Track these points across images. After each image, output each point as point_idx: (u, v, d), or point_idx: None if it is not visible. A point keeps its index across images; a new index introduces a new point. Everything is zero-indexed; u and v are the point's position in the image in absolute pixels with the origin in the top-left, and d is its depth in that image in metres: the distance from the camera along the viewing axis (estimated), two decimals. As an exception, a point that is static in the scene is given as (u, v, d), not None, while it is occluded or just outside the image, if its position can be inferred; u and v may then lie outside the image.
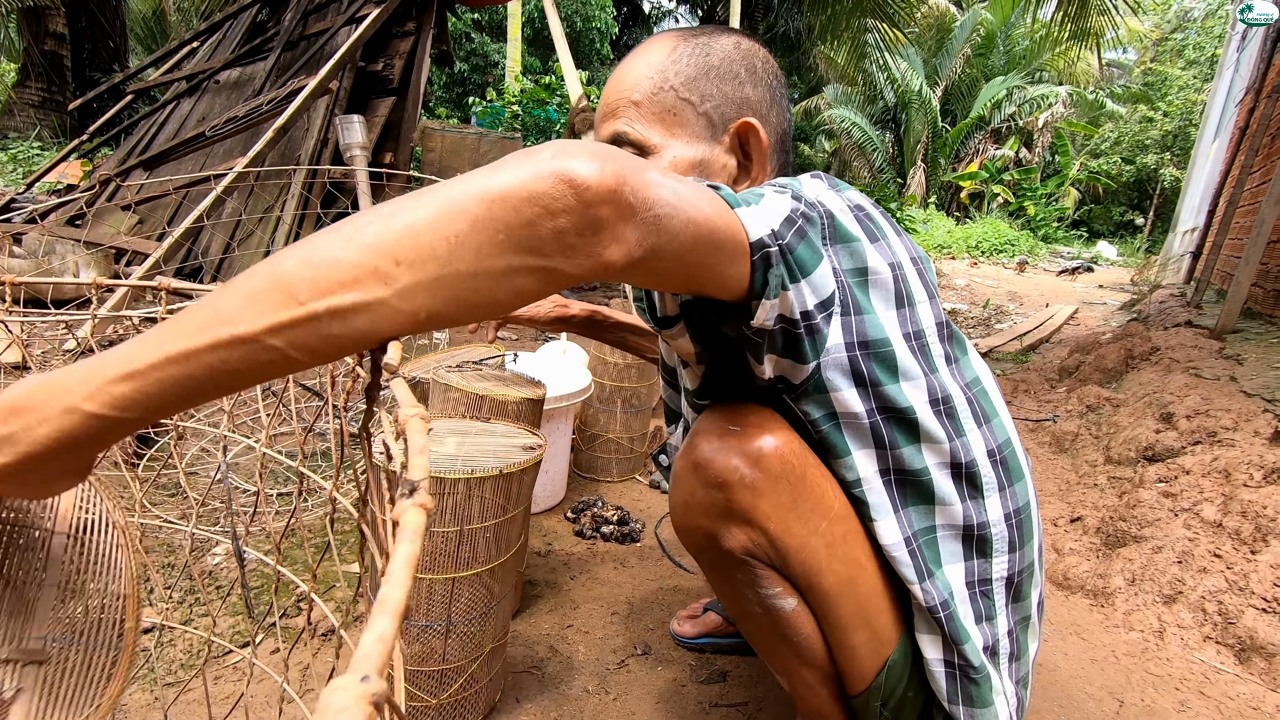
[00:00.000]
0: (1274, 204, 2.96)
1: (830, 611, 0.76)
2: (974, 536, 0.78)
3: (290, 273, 0.37)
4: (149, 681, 1.09)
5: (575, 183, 0.41)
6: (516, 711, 1.11)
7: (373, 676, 0.15)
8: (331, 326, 0.37)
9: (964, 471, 0.76)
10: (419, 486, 0.23)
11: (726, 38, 0.80)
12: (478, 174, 0.41)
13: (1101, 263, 12.93)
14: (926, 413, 0.73)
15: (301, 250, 0.38)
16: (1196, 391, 2.23)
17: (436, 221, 0.39)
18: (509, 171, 0.41)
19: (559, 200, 0.41)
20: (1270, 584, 1.41)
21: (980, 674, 0.77)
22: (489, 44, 12.99)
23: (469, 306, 0.42)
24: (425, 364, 1.38)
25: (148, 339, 0.37)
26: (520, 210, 0.40)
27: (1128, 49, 18.49)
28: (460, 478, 0.92)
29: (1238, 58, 7.14)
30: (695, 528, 0.76)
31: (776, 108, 0.81)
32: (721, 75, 0.78)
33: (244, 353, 0.37)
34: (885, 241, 0.74)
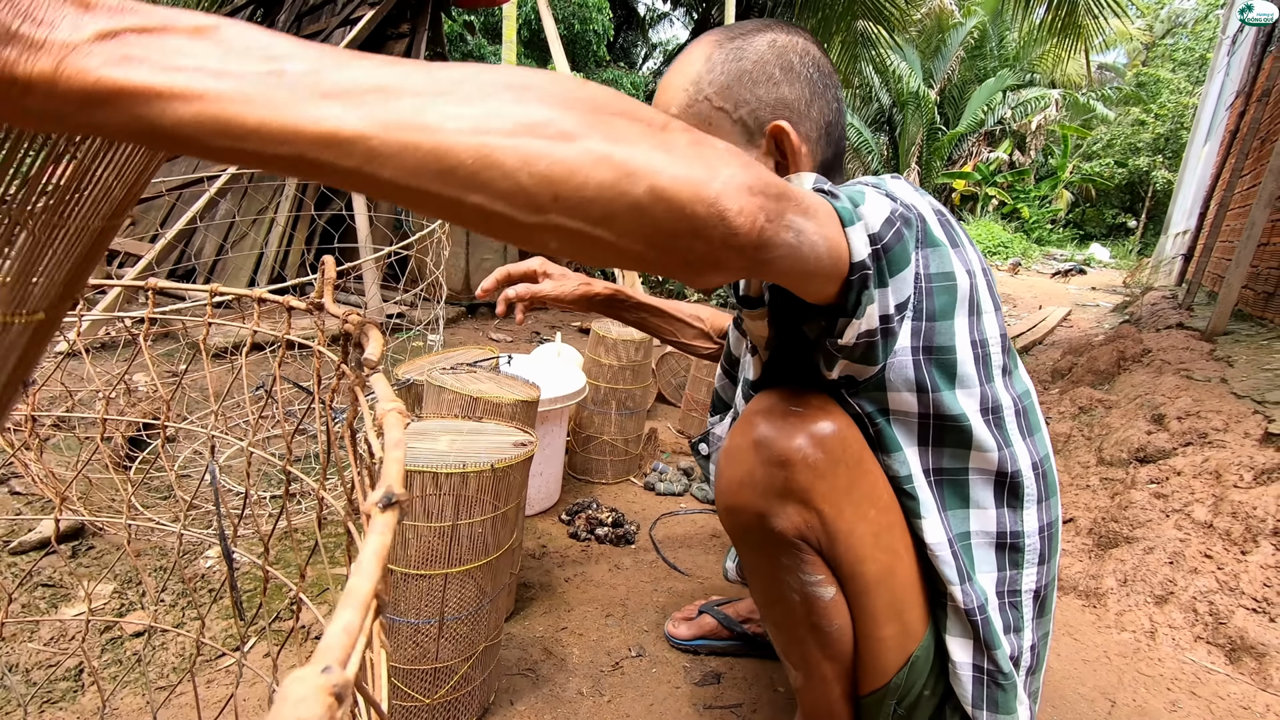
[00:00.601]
0: (1264, 207, 2.98)
1: (867, 601, 0.76)
2: (1007, 546, 0.79)
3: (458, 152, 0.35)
4: (140, 685, 1.08)
5: (727, 224, 0.42)
6: (510, 713, 1.11)
7: (335, 667, 0.15)
8: (461, 214, 0.37)
9: (1008, 481, 0.78)
10: (392, 480, 0.23)
11: (763, 37, 0.79)
12: (659, 147, 0.40)
13: (1094, 265, 13.00)
14: (978, 421, 0.75)
15: (473, 135, 0.35)
16: (1188, 393, 2.24)
17: (607, 188, 0.38)
18: (684, 170, 0.40)
19: (707, 229, 0.42)
20: (1260, 584, 1.41)
21: (1009, 681, 0.78)
22: (485, 46, 13.00)
23: (582, 256, 0.42)
24: (419, 366, 1.37)
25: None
26: (674, 220, 0.41)
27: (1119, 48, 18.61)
28: (451, 473, 0.92)
29: (1228, 62, 7.20)
30: (747, 507, 0.73)
31: (819, 100, 0.80)
32: (755, 79, 0.78)
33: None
34: (963, 249, 0.75)
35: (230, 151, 0.32)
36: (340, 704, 0.15)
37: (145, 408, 1.99)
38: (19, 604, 1.25)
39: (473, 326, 4.04)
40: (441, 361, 1.40)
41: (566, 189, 0.37)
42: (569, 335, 3.92)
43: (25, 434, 0.88)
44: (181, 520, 0.83)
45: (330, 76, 0.33)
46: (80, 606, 1.25)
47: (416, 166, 0.34)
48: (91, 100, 0.29)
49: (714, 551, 1.71)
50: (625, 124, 0.40)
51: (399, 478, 0.24)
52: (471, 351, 1.52)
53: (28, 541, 1.40)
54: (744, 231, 0.43)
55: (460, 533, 0.96)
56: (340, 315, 0.58)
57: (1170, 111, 15.50)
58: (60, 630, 1.20)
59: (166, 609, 1.29)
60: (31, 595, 1.29)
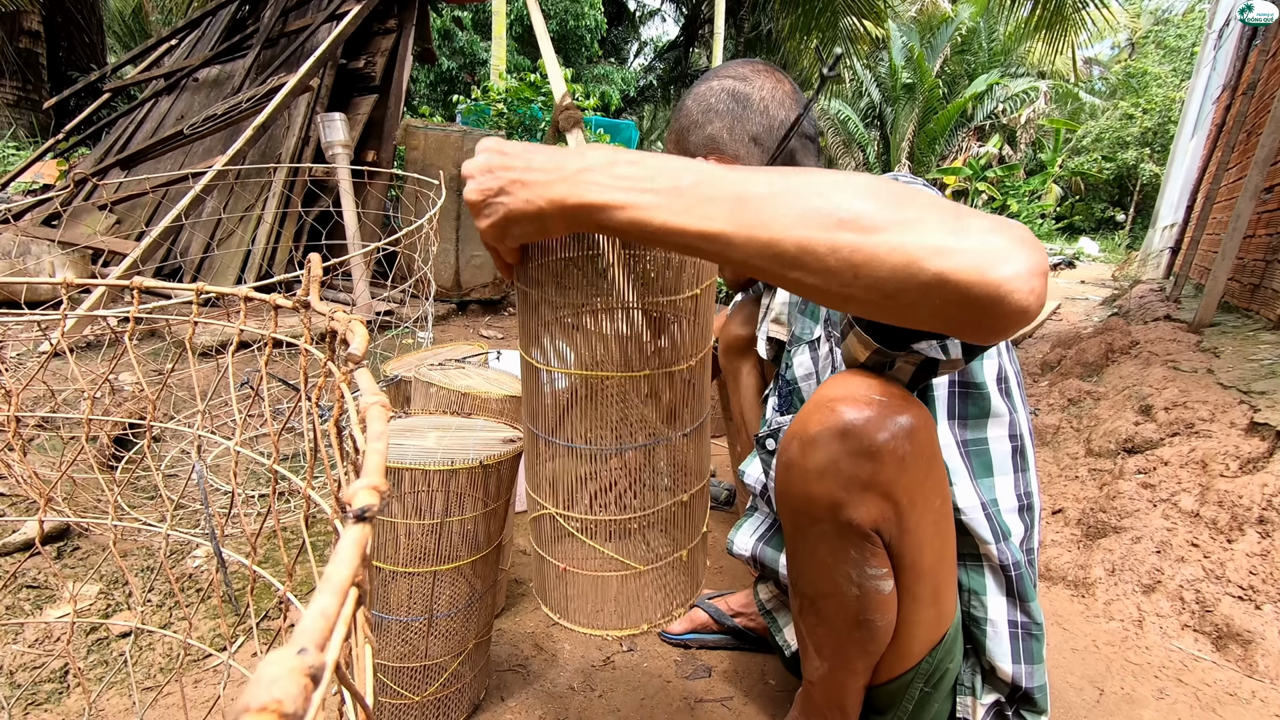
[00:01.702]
0: (1249, 199, 3.00)
1: (918, 589, 0.77)
2: (1025, 507, 0.87)
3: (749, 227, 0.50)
4: (126, 686, 1.07)
5: (1015, 304, 0.47)
6: (501, 709, 1.11)
7: (311, 650, 0.14)
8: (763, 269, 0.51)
9: (1019, 444, 0.86)
10: (372, 471, 0.22)
11: (695, 91, 1.01)
12: (952, 233, 0.47)
13: (1083, 259, 13.09)
14: (994, 389, 0.83)
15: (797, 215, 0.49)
16: (1175, 384, 2.26)
17: (899, 271, 0.47)
18: (970, 259, 0.46)
19: (991, 308, 0.47)
20: (1246, 572, 1.43)
21: (1041, 630, 0.85)
22: (477, 42, 12.91)
23: (882, 318, 0.53)
24: (408, 362, 1.36)
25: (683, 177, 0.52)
26: (959, 298, 0.47)
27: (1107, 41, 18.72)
28: (440, 469, 0.91)
29: (1214, 55, 7.25)
30: (822, 496, 0.70)
31: (740, 123, 0.98)
32: (687, 129, 1.00)
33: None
34: None
35: (648, 240, 0.54)
36: (316, 686, 0.14)
37: (131, 407, 1.97)
38: (3, 606, 1.24)
39: (463, 323, 4.02)
40: (430, 358, 1.39)
41: (865, 270, 0.47)
42: (560, 332, 3.91)
43: (9, 435, 0.87)
44: (168, 520, 0.82)
45: (707, 190, 0.51)
46: (66, 608, 1.24)
47: (757, 251, 0.49)
48: (569, 214, 0.53)
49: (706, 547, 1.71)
50: (921, 213, 0.47)
51: (379, 469, 0.24)
52: (461, 348, 1.51)
53: (12, 543, 1.39)
54: (1033, 310, 0.48)
55: (449, 529, 0.95)
56: (326, 313, 0.57)
57: (1158, 106, 15.61)
58: (45, 632, 1.19)
59: (154, 610, 1.27)
60: (16, 597, 1.27)
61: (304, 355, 0.62)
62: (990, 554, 0.82)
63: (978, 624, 0.84)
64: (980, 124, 16.39)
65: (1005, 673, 0.83)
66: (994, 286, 0.46)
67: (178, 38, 4.87)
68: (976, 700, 0.85)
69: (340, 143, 3.33)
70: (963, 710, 0.86)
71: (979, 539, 0.82)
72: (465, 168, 0.59)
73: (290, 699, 0.13)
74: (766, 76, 0.99)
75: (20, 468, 1.32)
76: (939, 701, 0.85)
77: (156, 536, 1.43)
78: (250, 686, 0.13)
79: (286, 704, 0.13)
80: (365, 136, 4.10)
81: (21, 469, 1.32)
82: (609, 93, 14.17)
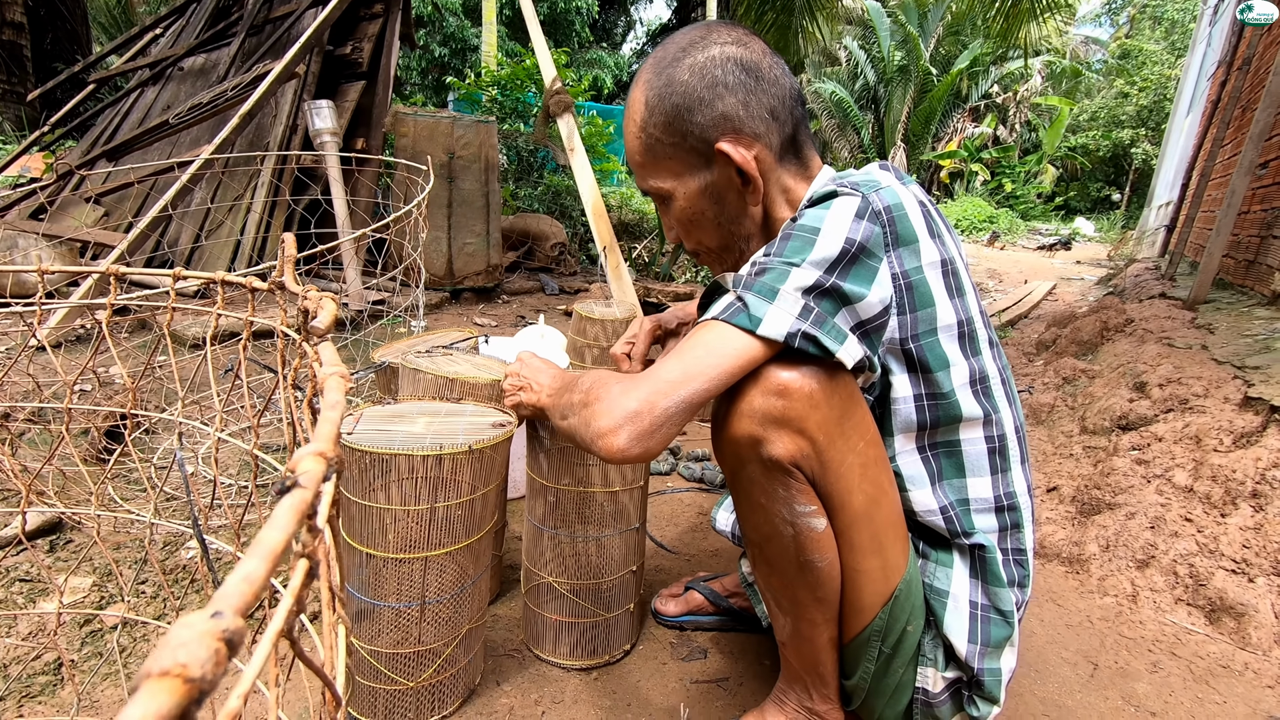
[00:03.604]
0: (1244, 175, 2.99)
1: (854, 534, 0.80)
2: (1005, 508, 0.87)
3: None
4: (120, 677, 1.07)
5: (608, 458, 0.77)
6: (497, 694, 1.11)
7: (228, 613, 0.14)
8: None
9: (997, 445, 0.85)
10: (323, 437, 0.21)
11: (683, 64, 0.86)
12: (585, 419, 0.81)
13: (1079, 239, 13.07)
14: (966, 394, 0.82)
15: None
16: (1169, 360, 2.26)
17: (579, 441, 0.86)
18: (586, 433, 0.80)
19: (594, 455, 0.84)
20: (1239, 545, 1.43)
21: (1010, 619, 0.85)
22: (468, 27, 12.77)
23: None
24: (396, 349, 1.35)
25: (564, 389, 0.92)
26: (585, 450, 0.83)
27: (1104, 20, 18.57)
28: (428, 455, 0.90)
29: (1210, 32, 7.20)
30: (744, 435, 0.77)
31: (753, 96, 0.85)
32: (689, 108, 0.85)
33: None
34: (941, 238, 0.82)
35: (542, 417, 1.03)
36: (232, 651, 0.13)
37: (121, 400, 1.96)
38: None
39: (456, 311, 4.00)
40: (419, 344, 1.38)
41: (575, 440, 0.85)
42: (553, 318, 3.89)
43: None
44: (152, 510, 0.81)
45: (565, 399, 0.88)
46: (58, 601, 1.23)
47: (556, 429, 0.92)
48: (539, 410, 1.00)
49: (701, 529, 1.71)
50: (584, 409, 0.81)
51: (330, 436, 0.23)
52: (450, 334, 1.50)
53: (3, 537, 1.38)
54: (599, 455, 0.78)
55: (439, 516, 0.95)
56: (299, 292, 0.56)
57: (1153, 84, 15.52)
58: (39, 625, 1.19)
59: (147, 601, 1.27)
60: (9, 591, 1.27)
61: (280, 338, 0.61)
62: (959, 542, 0.86)
63: (938, 596, 0.86)
64: (975, 104, 16.28)
65: (959, 650, 0.84)
66: (598, 450, 0.77)
67: (162, 26, 4.80)
68: (939, 673, 0.86)
69: (328, 130, 3.29)
70: (923, 680, 0.87)
71: (942, 531, 0.86)
72: (508, 369, 1.08)
73: (197, 663, 0.12)
74: (758, 39, 0.89)
75: (8, 461, 1.31)
76: (902, 668, 0.86)
77: (149, 530, 1.42)
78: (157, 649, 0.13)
79: (192, 668, 0.12)
80: (354, 124, 4.05)
81: (10, 462, 1.31)
82: (601, 77, 14.04)
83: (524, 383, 1.02)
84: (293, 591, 0.19)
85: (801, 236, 0.75)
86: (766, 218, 0.92)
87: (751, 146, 0.85)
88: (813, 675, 0.91)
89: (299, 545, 0.21)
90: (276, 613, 0.18)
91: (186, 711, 0.12)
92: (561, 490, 1.12)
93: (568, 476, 1.12)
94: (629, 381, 0.76)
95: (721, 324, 0.75)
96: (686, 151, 0.87)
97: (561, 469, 1.11)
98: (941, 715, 0.88)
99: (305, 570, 0.20)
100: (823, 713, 0.93)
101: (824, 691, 0.92)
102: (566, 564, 1.16)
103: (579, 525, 1.14)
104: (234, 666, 1.08)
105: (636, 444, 0.74)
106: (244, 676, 0.16)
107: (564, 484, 1.12)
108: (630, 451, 0.74)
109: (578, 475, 1.11)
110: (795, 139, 0.89)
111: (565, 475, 1.12)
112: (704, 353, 0.74)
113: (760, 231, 0.93)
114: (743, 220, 0.91)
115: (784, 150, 0.88)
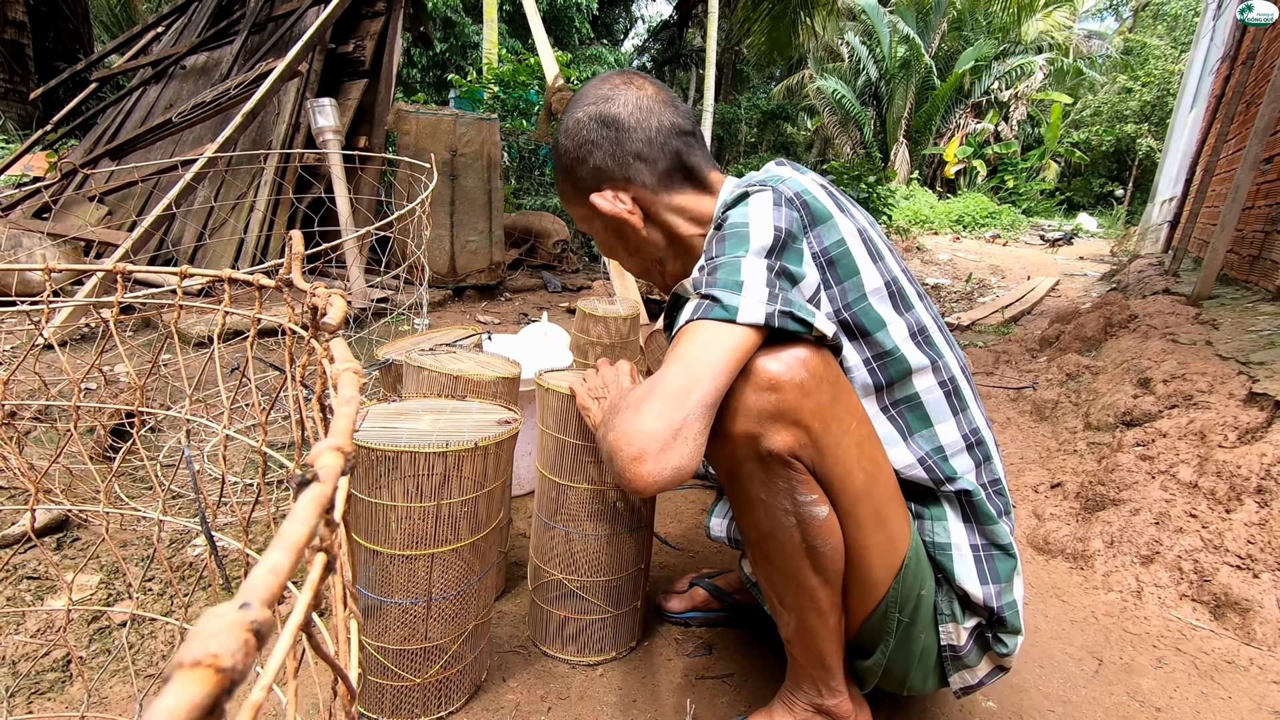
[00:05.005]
0: (1249, 170, 2.98)
1: (857, 510, 0.81)
2: (973, 444, 0.90)
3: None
4: (129, 674, 1.07)
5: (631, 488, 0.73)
6: (503, 689, 1.11)
7: (255, 604, 0.14)
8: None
9: (950, 387, 0.89)
10: (339, 433, 0.22)
11: (564, 128, 0.99)
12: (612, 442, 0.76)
13: (1082, 234, 13.03)
14: (909, 346, 0.86)
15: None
16: (1173, 356, 2.25)
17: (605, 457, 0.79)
18: (614, 463, 0.75)
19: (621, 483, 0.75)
20: (1244, 541, 1.43)
21: (1006, 551, 0.88)
22: (469, 24, 12.76)
23: None
24: (401, 347, 1.35)
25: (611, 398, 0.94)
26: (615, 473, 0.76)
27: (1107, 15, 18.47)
28: (434, 452, 0.91)
29: (1213, 26, 7.17)
30: (740, 434, 0.77)
31: (619, 147, 0.95)
32: (570, 167, 0.99)
33: None
34: (849, 212, 0.89)
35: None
36: (261, 642, 0.13)
37: (128, 398, 1.96)
38: (3, 597, 1.24)
39: (460, 309, 4.01)
40: (423, 342, 1.38)
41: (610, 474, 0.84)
42: (555, 315, 3.89)
43: (3, 428, 0.86)
44: (159, 507, 0.81)
45: (605, 419, 0.81)
46: (66, 598, 1.24)
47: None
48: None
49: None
50: (604, 441, 0.78)
51: (345, 431, 0.23)
52: (454, 331, 1.50)
53: (10, 535, 1.39)
54: (635, 490, 0.73)
55: (445, 512, 0.95)
56: (308, 289, 0.56)
57: (1156, 78, 15.46)
58: (47, 622, 1.19)
59: (154, 598, 1.28)
60: (17, 588, 1.27)
61: (288, 335, 0.61)
62: (945, 490, 0.88)
63: (942, 550, 0.87)
64: (977, 100, 16.23)
65: (975, 595, 0.86)
66: (628, 484, 0.73)
67: (164, 25, 4.80)
68: (959, 625, 0.88)
69: (331, 128, 3.29)
70: (946, 637, 0.89)
71: (924, 483, 0.87)
72: (590, 373, 1.05)
73: (228, 653, 0.12)
74: (625, 87, 0.96)
75: (16, 460, 1.31)
76: (923, 631, 0.87)
77: (157, 526, 1.43)
78: (188, 640, 0.13)
79: (223, 658, 0.12)
80: (356, 122, 4.05)
81: (17, 461, 1.31)
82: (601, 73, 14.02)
83: (602, 394, 0.99)
84: (312, 585, 0.20)
85: (735, 234, 0.80)
86: (672, 238, 1.00)
87: (626, 188, 0.96)
88: (820, 669, 0.91)
89: (316, 540, 0.21)
90: (297, 606, 0.18)
91: (218, 701, 0.13)
92: (575, 488, 1.13)
93: (581, 475, 1.12)
94: (635, 404, 0.74)
95: (701, 322, 0.75)
96: (583, 197, 0.99)
97: (575, 468, 1.12)
98: (971, 662, 0.90)
99: (323, 564, 0.21)
100: (832, 707, 0.93)
101: (832, 685, 0.92)
102: (576, 561, 1.16)
103: (589, 523, 1.14)
104: (241, 663, 1.08)
105: (665, 466, 0.70)
106: (267, 668, 0.16)
107: (577, 482, 1.12)
108: (662, 475, 0.70)
109: (589, 474, 1.12)
110: (681, 166, 0.97)
111: (579, 474, 1.12)
112: (699, 352, 0.73)
113: (669, 251, 1.02)
114: (646, 247, 1.02)
115: (664, 180, 0.97)
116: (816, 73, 16.53)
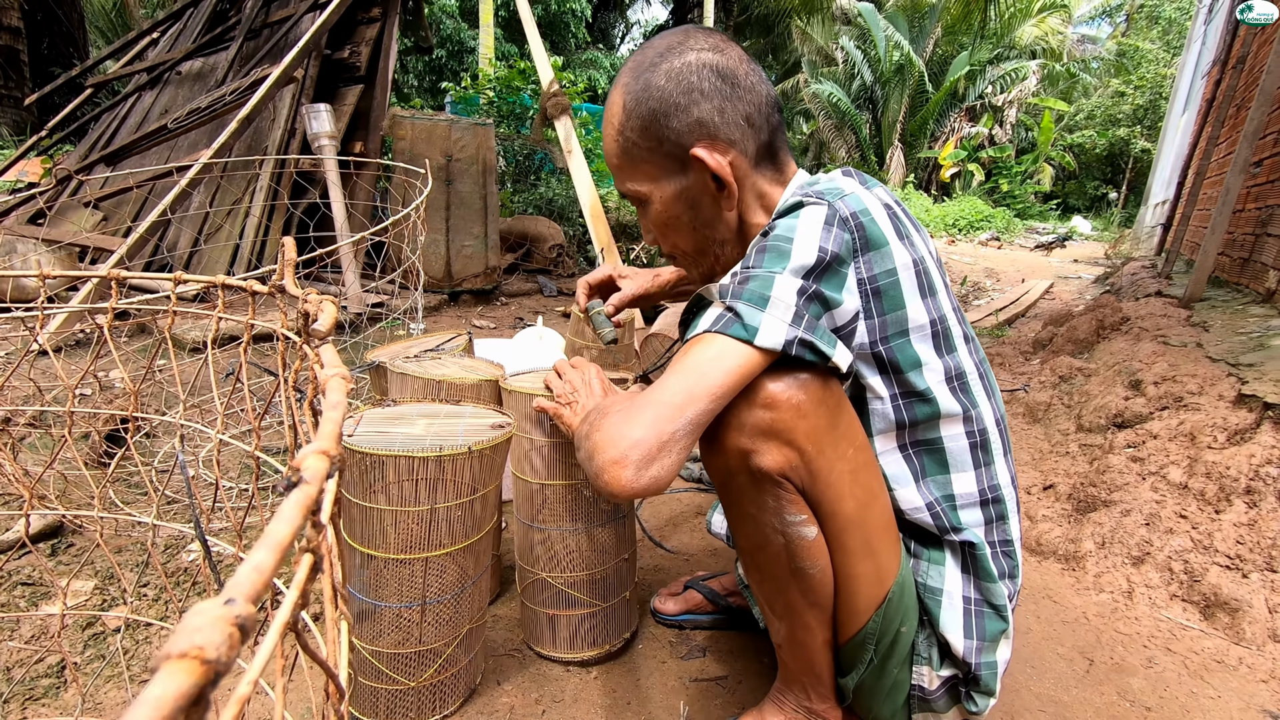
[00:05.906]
0: (1239, 173, 3.00)
1: (846, 538, 0.80)
2: (989, 500, 0.87)
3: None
4: (124, 679, 1.07)
5: (610, 493, 0.73)
6: (498, 693, 1.11)
7: (239, 600, 0.14)
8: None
9: (978, 440, 0.86)
10: (326, 436, 0.22)
11: (660, 69, 0.85)
12: (592, 448, 0.77)
13: (1076, 237, 13.08)
14: (943, 391, 0.83)
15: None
16: (1164, 359, 2.27)
17: (583, 464, 0.80)
18: (592, 468, 0.75)
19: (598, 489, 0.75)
20: (1234, 541, 1.44)
21: (1005, 613, 0.86)
22: (464, 30, 12.79)
23: None
24: (389, 352, 1.36)
25: (596, 403, 0.92)
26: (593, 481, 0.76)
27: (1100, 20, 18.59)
28: (427, 456, 0.91)
29: (1204, 31, 7.23)
30: (733, 448, 0.77)
31: (729, 103, 0.85)
32: (665, 113, 0.85)
33: None
34: (909, 239, 0.83)
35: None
36: (245, 636, 0.14)
37: (122, 403, 1.96)
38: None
39: (455, 314, 4.01)
40: (413, 346, 1.39)
41: (586, 474, 0.78)
42: (551, 319, 3.90)
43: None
44: (154, 513, 0.82)
45: (582, 427, 0.82)
46: (61, 604, 1.24)
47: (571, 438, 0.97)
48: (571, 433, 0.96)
49: (699, 529, 1.72)
50: (587, 440, 0.77)
51: (332, 435, 0.23)
52: (441, 336, 1.51)
53: (5, 541, 1.39)
54: (608, 493, 0.73)
55: (438, 516, 0.96)
56: (300, 294, 0.57)
57: (1149, 82, 15.56)
58: (41, 627, 1.19)
59: (149, 604, 1.28)
60: (12, 594, 1.28)
61: (281, 340, 0.62)
62: (949, 539, 0.86)
63: (932, 594, 0.86)
64: (971, 104, 16.30)
65: (956, 647, 0.84)
66: (603, 486, 0.73)
67: (159, 31, 4.81)
68: (934, 671, 0.87)
69: (326, 134, 3.30)
70: (918, 679, 0.88)
71: (930, 528, 0.86)
72: (563, 371, 1.07)
73: (212, 646, 0.13)
74: (734, 46, 0.88)
75: (10, 466, 1.31)
76: (896, 668, 0.87)
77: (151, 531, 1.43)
78: (174, 634, 0.13)
79: (209, 651, 0.13)
80: (352, 127, 4.06)
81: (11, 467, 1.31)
82: (597, 78, 14.07)
83: (573, 399, 0.99)
84: (298, 584, 0.20)
85: (777, 247, 0.76)
86: (741, 223, 0.92)
87: (726, 153, 0.86)
88: (809, 676, 0.92)
89: (303, 540, 0.21)
90: (283, 605, 0.19)
91: (203, 691, 0.13)
92: (549, 487, 1.14)
93: (556, 474, 1.13)
94: (629, 408, 0.73)
95: (717, 337, 0.73)
96: (663, 156, 0.87)
97: (549, 467, 1.13)
98: (938, 709, 0.89)
99: (310, 565, 0.21)
100: (821, 711, 0.94)
101: (821, 691, 0.93)
102: (559, 559, 1.17)
103: (568, 520, 1.15)
104: (237, 667, 1.08)
105: (643, 475, 0.70)
106: (254, 663, 0.17)
107: (552, 480, 1.13)
108: (638, 484, 0.70)
109: (563, 473, 1.13)
110: (771, 145, 0.89)
111: (554, 473, 1.13)
112: (706, 368, 0.72)
113: (735, 236, 0.93)
114: (717, 225, 0.92)
115: (759, 156, 0.89)
116: (811, 77, 16.59)
